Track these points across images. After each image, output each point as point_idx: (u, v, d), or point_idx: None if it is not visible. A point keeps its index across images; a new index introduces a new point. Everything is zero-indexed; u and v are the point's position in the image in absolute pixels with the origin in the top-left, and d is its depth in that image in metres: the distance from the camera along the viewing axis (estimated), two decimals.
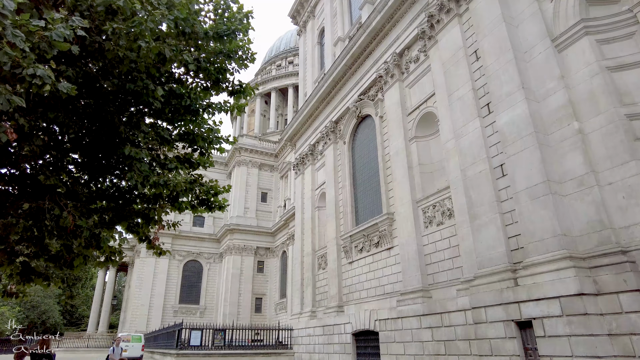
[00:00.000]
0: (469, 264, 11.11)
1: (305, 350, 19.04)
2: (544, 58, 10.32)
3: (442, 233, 12.71)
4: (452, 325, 11.13)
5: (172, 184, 5.63)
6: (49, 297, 53.31)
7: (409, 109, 15.31)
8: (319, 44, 26.36)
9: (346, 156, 19.47)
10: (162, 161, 6.36)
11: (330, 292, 18.25)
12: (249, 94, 7.32)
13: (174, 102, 6.49)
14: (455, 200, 12.04)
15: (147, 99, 5.37)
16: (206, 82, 7.11)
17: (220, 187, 7.62)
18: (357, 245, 17.12)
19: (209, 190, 7.53)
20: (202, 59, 6.61)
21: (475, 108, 11.66)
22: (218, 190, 7.64)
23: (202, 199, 7.61)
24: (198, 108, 6.55)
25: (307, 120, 23.78)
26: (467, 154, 11.59)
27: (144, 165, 5.62)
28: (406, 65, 15.99)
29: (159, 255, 6.70)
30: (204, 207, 7.63)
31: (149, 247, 6.69)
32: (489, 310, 9.73)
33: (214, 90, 7.16)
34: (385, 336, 13.67)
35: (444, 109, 13.19)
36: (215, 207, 7.74)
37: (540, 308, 8.49)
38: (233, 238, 43.02)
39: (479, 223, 10.72)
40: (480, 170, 11.05)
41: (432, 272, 12.79)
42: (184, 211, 7.54)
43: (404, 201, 14.22)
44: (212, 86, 7.07)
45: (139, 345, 24.19)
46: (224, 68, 6.89)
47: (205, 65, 6.44)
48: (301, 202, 23.78)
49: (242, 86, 7.11)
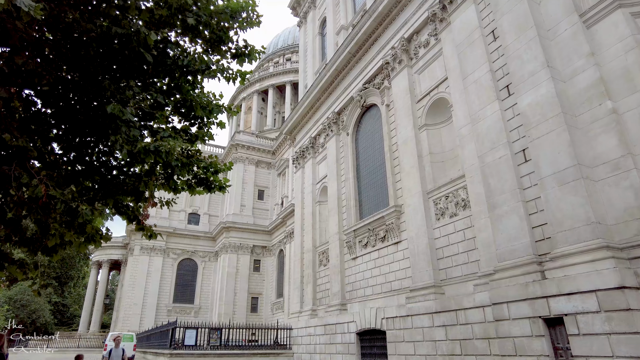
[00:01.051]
0: (487, 257, 10.31)
1: (306, 351, 18.17)
2: (571, 35, 9.56)
3: (455, 225, 11.91)
4: (468, 323, 10.31)
5: (165, 151, 4.77)
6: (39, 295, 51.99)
7: (418, 96, 14.51)
8: (320, 34, 25.54)
9: (349, 148, 18.64)
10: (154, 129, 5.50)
11: (333, 289, 17.40)
12: (254, 57, 6.47)
13: (169, 61, 5.63)
14: (471, 190, 11.25)
15: (138, 48, 4.52)
16: (206, 44, 6.25)
17: (220, 163, 6.75)
18: (361, 240, 16.28)
19: (209, 167, 6.66)
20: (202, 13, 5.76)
21: (493, 90, 10.88)
22: (218, 167, 6.77)
23: (201, 177, 6.74)
24: (196, 69, 5.68)
25: (308, 112, 22.94)
26: (485, 139, 10.80)
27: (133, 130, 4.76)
28: (415, 50, 15.20)
29: (150, 238, 5.84)
30: (202, 187, 6.75)
31: (138, 228, 5.82)
32: (512, 307, 8.93)
33: (216, 52, 6.30)
34: (393, 335, 12.84)
35: (457, 93, 12.42)
36: (215, 187, 6.87)
37: (573, 303, 7.70)
38: (229, 236, 42.06)
39: (500, 213, 9.93)
40: (500, 156, 10.26)
41: (445, 267, 11.98)
42: (179, 192, 6.65)
43: (413, 192, 13.40)
44: (213, 48, 6.21)
45: (130, 345, 23.16)
46: (226, 26, 6.03)
47: (206, 19, 5.57)
48: (301, 197, 22.92)
49: (247, 47, 6.26)
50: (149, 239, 5.98)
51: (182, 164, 6.19)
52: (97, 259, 50.88)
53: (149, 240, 6.05)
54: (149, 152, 4.74)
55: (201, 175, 6.74)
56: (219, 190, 6.97)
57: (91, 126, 4.70)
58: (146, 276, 41.76)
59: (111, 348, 12.53)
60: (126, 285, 42.24)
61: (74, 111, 4.65)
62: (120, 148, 4.57)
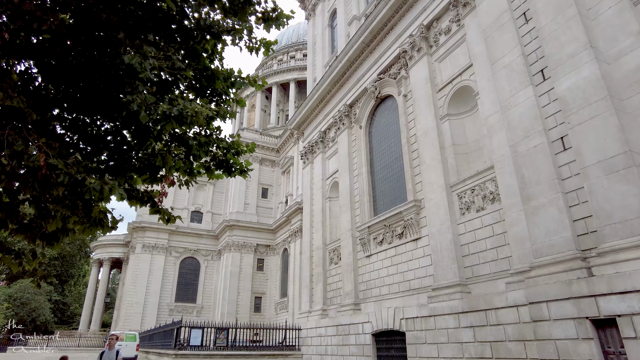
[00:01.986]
0: (521, 253, 9.58)
1: (316, 352, 17.43)
2: (615, 13, 8.83)
3: (482, 220, 11.18)
4: (500, 324, 9.58)
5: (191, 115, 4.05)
6: (39, 294, 51.31)
7: (439, 85, 13.79)
8: (329, 26, 24.83)
9: (363, 141, 17.91)
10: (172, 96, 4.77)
11: (345, 288, 16.66)
12: (282, 23, 5.74)
13: (186, 22, 4.91)
14: (501, 182, 10.52)
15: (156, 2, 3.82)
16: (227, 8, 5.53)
17: (243, 144, 6.03)
18: (376, 237, 15.55)
19: (230, 148, 5.94)
20: None
21: (526, 75, 10.15)
22: (240, 148, 6.05)
23: (220, 159, 6.02)
24: (220, 30, 4.95)
25: (318, 105, 22.22)
26: (517, 127, 10.07)
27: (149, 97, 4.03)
28: (435, 38, 14.49)
29: (167, 223, 5.13)
30: (222, 169, 6.03)
31: (153, 210, 5.10)
32: (553, 306, 8.19)
33: (240, 18, 5.57)
34: (414, 337, 12.11)
35: (484, 80, 11.70)
36: (235, 170, 6.15)
37: (628, 303, 6.96)
38: (232, 234, 41.33)
39: (535, 205, 9.19)
40: (535, 145, 9.52)
41: (471, 264, 11.25)
42: (194, 177, 5.93)
43: (434, 186, 12.68)
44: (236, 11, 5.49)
45: (133, 344, 22.42)
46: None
47: None
48: (310, 193, 22.19)
49: (275, 10, 5.54)
50: (166, 223, 5.26)
51: (200, 142, 5.48)
52: (98, 257, 50.18)
53: (166, 224, 5.33)
54: (169, 118, 4.02)
55: (220, 157, 6.02)
56: (240, 174, 6.26)
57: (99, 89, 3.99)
58: (148, 274, 41.05)
59: (103, 351, 9.47)
60: (127, 284, 41.52)
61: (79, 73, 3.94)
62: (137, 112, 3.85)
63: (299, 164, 41.08)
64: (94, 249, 51.74)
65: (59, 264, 60.44)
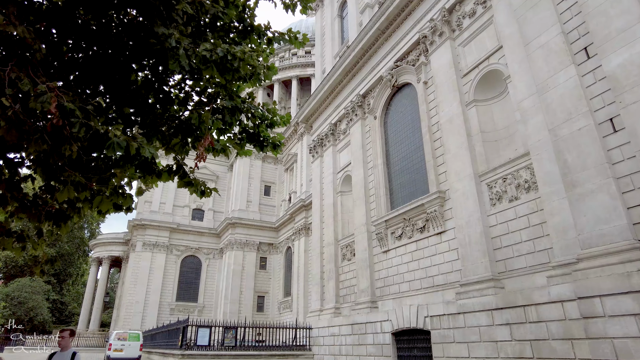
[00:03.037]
0: (564, 244, 8.85)
1: (329, 352, 16.66)
2: None
3: (516, 210, 10.44)
4: (542, 321, 8.84)
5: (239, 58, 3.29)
6: (37, 292, 50.33)
7: (463, 70, 13.06)
8: (339, 16, 24.09)
9: (377, 132, 17.16)
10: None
11: (360, 285, 15.90)
12: None
13: None
14: (539, 169, 9.79)
15: None
16: None
17: (278, 113, 5.26)
18: (394, 232, 14.80)
19: (263, 118, 5.18)
20: None
21: (567, 54, 9.42)
22: (274, 119, 5.29)
23: (250, 132, 5.26)
24: None
25: (328, 97, 21.47)
26: (557, 110, 9.34)
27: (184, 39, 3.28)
28: (458, 21, 13.76)
29: (202, 196, 4.36)
30: (253, 143, 5.27)
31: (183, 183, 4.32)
32: (608, 301, 7.46)
33: None
34: (441, 335, 11.36)
35: (516, 63, 10.97)
36: (268, 144, 5.40)
37: None
38: (234, 232, 40.53)
39: (582, 192, 8.46)
40: (580, 128, 8.79)
41: (503, 257, 10.51)
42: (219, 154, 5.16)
43: (461, 176, 11.94)
44: None
45: (137, 344, 21.53)
46: None
47: None
48: (320, 188, 21.43)
49: None
50: (200, 196, 4.50)
51: (230, 109, 4.71)
52: (97, 255, 49.26)
53: (200, 197, 4.57)
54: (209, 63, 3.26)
55: (250, 129, 5.26)
56: (273, 149, 5.51)
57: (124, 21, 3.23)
58: (148, 273, 40.18)
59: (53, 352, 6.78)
60: (127, 283, 40.65)
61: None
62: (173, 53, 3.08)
63: (302, 161, 40.32)
64: (93, 247, 50.83)
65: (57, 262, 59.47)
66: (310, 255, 32.67)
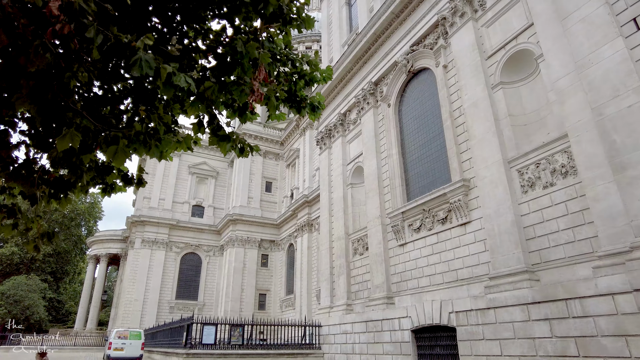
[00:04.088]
0: (611, 232, 8.12)
1: (341, 351, 15.90)
2: None
3: (552, 197, 9.71)
4: (588, 316, 8.11)
5: None
6: (33, 291, 49.32)
7: (488, 52, 12.32)
8: (347, 4, 23.32)
9: (392, 120, 16.40)
10: None
11: (374, 281, 15.15)
12: None
13: None
14: (579, 151, 9.06)
15: None
16: None
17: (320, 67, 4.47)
18: (411, 224, 14.06)
19: (301, 73, 4.40)
20: None
21: (612, 26, 8.70)
22: (314, 74, 4.51)
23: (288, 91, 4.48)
24: None
25: (336, 86, 20.68)
26: (602, 87, 8.62)
27: None
28: (480, 1, 13.01)
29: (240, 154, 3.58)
30: (290, 104, 4.50)
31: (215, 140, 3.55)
32: None
33: None
34: (467, 332, 10.62)
35: (550, 40, 10.23)
36: (306, 107, 4.63)
37: None
38: (235, 229, 39.70)
39: (634, 175, 7.74)
40: (630, 105, 8.07)
41: (537, 248, 9.78)
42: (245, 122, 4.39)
43: (489, 162, 11.20)
44: None
45: (138, 343, 20.71)
46: None
47: None
48: (328, 180, 20.65)
49: None
50: (239, 155, 3.75)
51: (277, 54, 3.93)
52: (94, 252, 48.30)
53: (239, 156, 3.82)
54: None
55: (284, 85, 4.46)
56: (311, 112, 4.74)
57: None
58: (147, 271, 39.29)
59: None
60: (126, 281, 39.75)
61: None
62: None
63: (305, 156, 39.53)
64: (91, 245, 49.86)
65: (53, 260, 58.42)
66: (315, 252, 31.95)
